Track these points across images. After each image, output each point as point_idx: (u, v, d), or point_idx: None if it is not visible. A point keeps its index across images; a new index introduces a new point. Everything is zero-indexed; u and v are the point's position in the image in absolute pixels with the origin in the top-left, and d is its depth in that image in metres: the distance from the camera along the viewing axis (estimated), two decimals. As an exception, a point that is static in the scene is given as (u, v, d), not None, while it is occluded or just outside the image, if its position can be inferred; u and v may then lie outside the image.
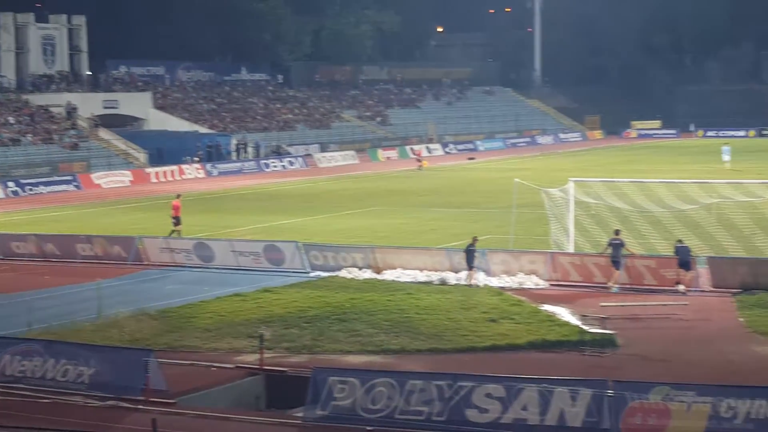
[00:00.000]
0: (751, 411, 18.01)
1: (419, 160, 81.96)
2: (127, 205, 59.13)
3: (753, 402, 18.03)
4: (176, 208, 43.02)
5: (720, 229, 37.85)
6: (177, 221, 42.59)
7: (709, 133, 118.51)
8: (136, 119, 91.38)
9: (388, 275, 33.73)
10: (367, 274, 34.14)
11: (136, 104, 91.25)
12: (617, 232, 32.20)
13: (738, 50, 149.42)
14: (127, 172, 74.81)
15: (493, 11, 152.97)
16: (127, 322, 27.54)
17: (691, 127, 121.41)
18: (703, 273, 31.23)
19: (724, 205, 39.44)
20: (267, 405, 22.89)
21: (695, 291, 30.62)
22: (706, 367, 23.30)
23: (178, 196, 44.77)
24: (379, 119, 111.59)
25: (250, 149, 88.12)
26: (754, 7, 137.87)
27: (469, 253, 32.19)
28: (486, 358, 24.20)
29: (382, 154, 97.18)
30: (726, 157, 71.68)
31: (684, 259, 30.71)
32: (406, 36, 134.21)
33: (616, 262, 31.33)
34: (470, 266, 32.11)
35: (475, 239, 32.92)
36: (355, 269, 34.57)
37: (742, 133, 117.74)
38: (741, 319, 27.41)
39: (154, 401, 20.83)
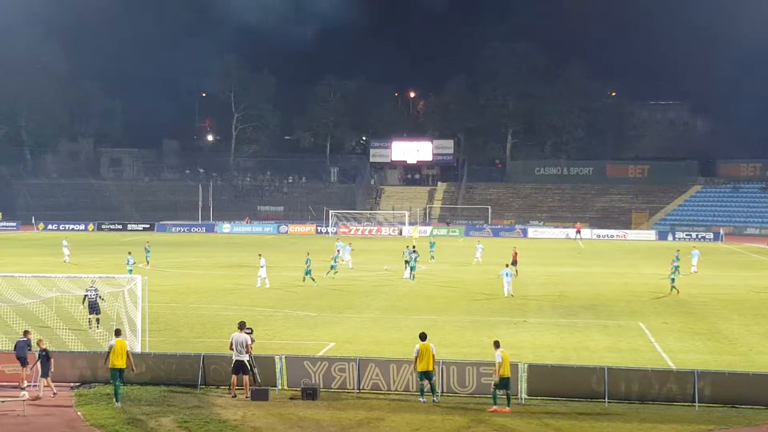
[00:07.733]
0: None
1: None
2: None
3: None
4: None
5: (60, 323, 37.84)
6: None
7: (51, 226, 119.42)
8: None
9: None
10: None
11: None
12: None
13: (77, 145, 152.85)
14: None
15: None
16: None
17: (33, 220, 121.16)
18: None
19: (63, 298, 39.59)
20: None
21: (34, 386, 30.16)
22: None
23: None
24: None
25: None
26: (93, 105, 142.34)
27: (43, 357, 29.55)
28: None
29: None
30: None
31: (21, 354, 30.20)
32: None
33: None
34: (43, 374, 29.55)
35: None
36: None
37: (82, 226, 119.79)
38: (80, 413, 27.50)
39: None
